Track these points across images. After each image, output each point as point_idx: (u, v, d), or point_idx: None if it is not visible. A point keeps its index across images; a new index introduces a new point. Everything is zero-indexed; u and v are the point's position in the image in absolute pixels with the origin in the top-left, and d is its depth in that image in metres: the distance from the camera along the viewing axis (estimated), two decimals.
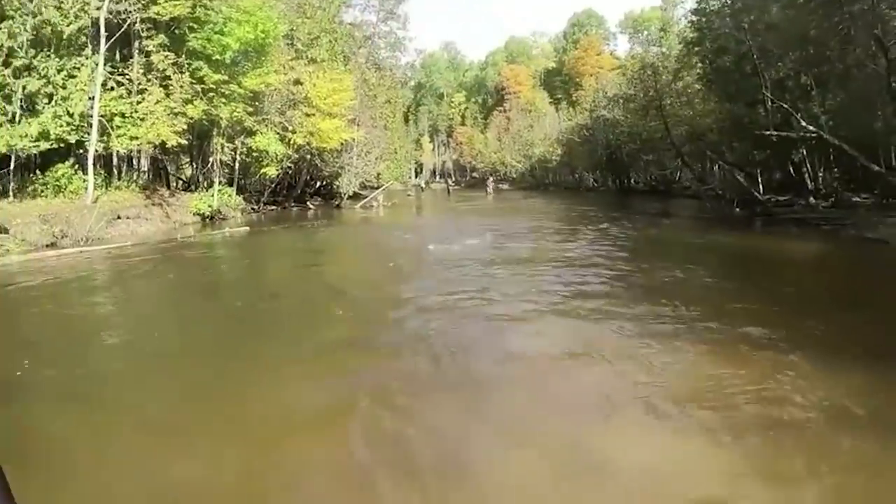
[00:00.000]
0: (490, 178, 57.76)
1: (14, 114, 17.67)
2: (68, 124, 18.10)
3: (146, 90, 20.45)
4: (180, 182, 28.57)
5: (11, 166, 17.88)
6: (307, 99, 29.62)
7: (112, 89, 19.79)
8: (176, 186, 27.07)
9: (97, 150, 19.38)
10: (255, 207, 28.76)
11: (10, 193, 17.48)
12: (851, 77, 17.46)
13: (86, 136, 18.87)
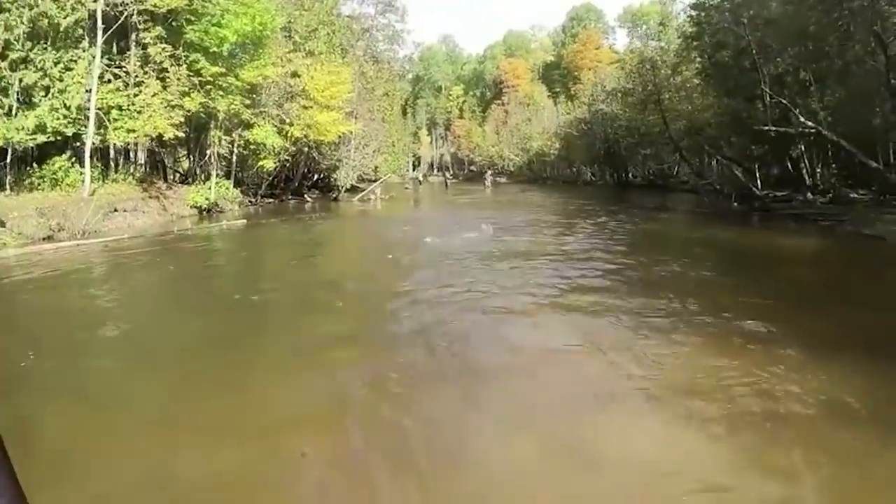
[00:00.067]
0: (489, 171, 57.26)
1: (11, 107, 17.55)
2: (65, 117, 17.98)
3: (143, 83, 20.33)
4: (177, 175, 28.50)
5: (8, 159, 17.79)
6: (305, 91, 29.54)
7: (109, 82, 19.66)
8: (173, 179, 26.99)
9: (94, 143, 19.26)
10: (253, 200, 28.71)
11: (7, 187, 17.39)
12: (850, 73, 17.47)
13: (83, 129, 18.76)
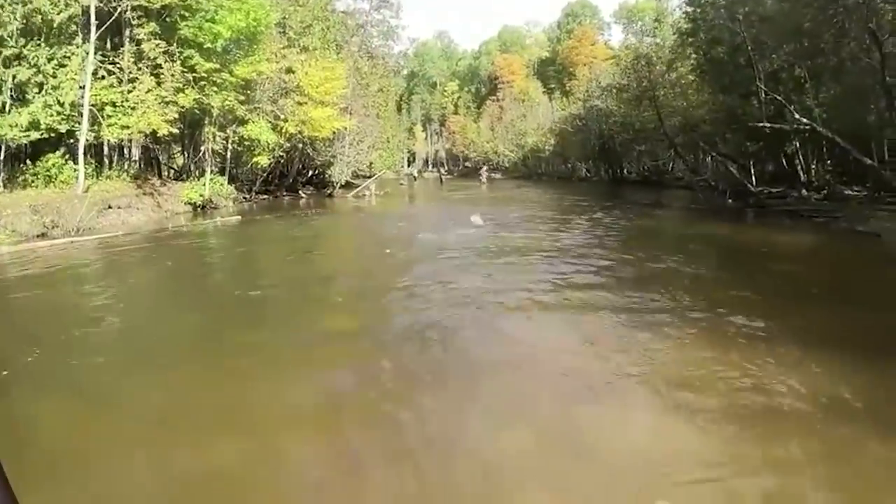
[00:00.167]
0: (484, 167, 56.70)
1: (4, 103, 17.47)
2: (59, 114, 17.89)
3: (137, 79, 20.21)
4: (172, 171, 28.36)
5: (1, 156, 17.73)
6: (299, 87, 29.45)
7: (103, 78, 19.55)
8: (167, 176, 26.87)
9: (88, 140, 19.19)
10: (247, 196, 28.64)
11: (0, 184, 17.34)
12: (845, 70, 17.50)
13: (76, 126, 18.66)
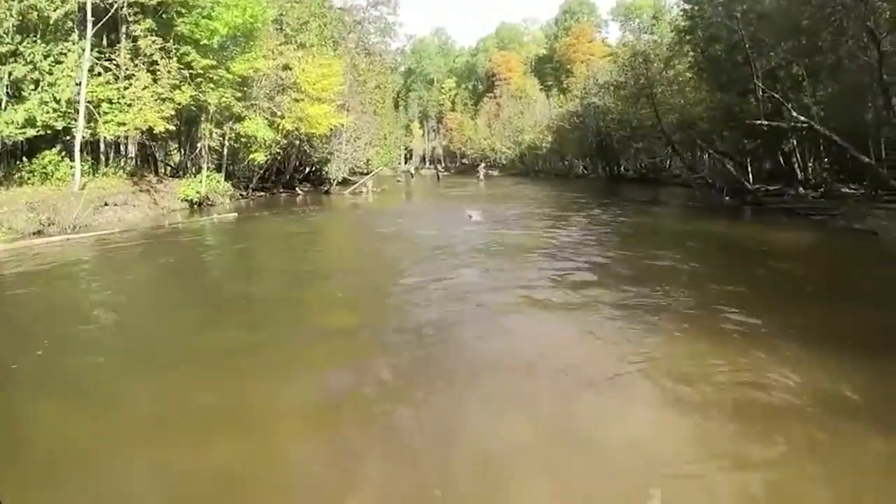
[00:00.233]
0: (481, 164, 56.63)
1: (0, 100, 17.38)
2: (55, 111, 17.78)
3: (133, 76, 20.13)
4: (168, 168, 28.25)
5: None
6: (296, 84, 29.39)
7: (99, 75, 19.47)
8: (164, 173, 26.73)
9: (84, 137, 19.10)
10: (244, 193, 28.60)
11: None
12: (843, 68, 17.51)
13: (73, 123, 18.57)
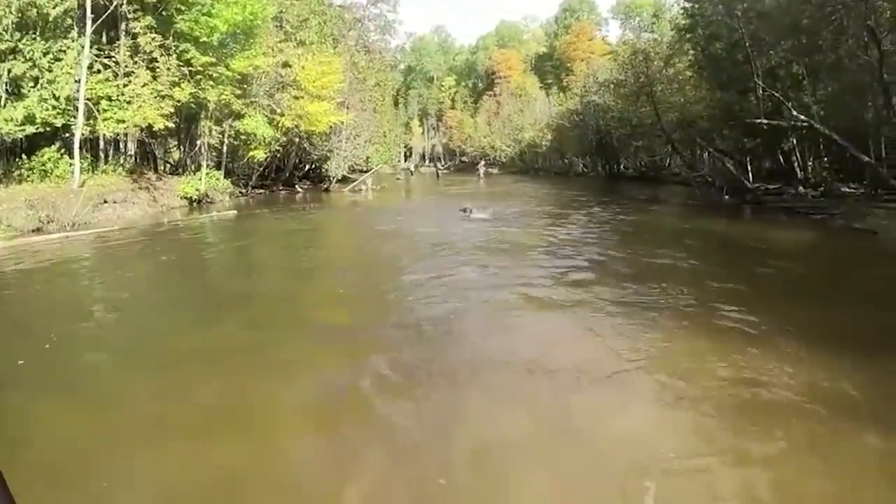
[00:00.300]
0: (481, 162, 56.34)
1: None
2: (54, 108, 17.78)
3: (133, 73, 20.14)
4: (168, 166, 28.25)
5: None
6: (296, 82, 29.41)
7: (98, 72, 19.47)
8: (163, 170, 26.75)
9: (83, 134, 19.11)
10: (244, 191, 28.63)
11: None
12: (843, 67, 17.45)
13: (72, 120, 18.58)
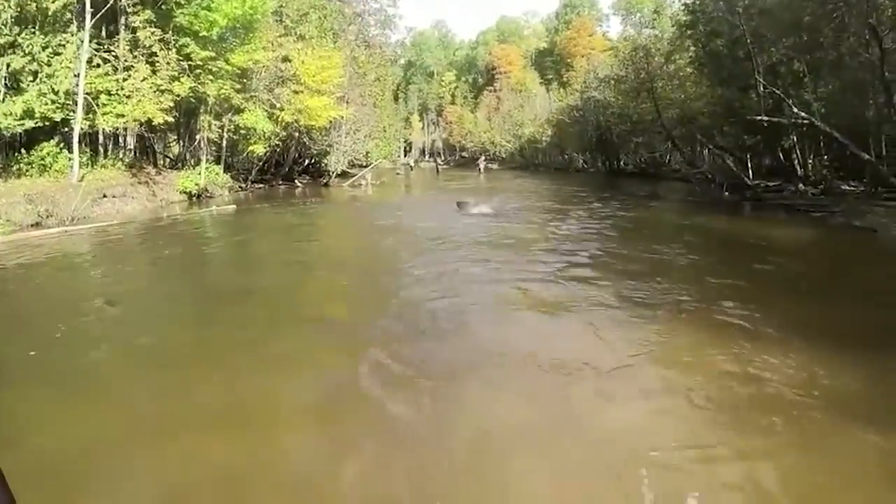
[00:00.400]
0: (482, 157, 56.37)
1: None
2: (53, 102, 17.68)
3: (132, 67, 20.03)
4: (167, 160, 28.17)
5: None
6: (296, 76, 29.32)
7: (98, 66, 19.35)
8: (163, 164, 26.69)
9: (83, 129, 19.04)
10: (243, 185, 28.59)
11: None
12: (844, 65, 17.42)
13: (71, 115, 18.50)
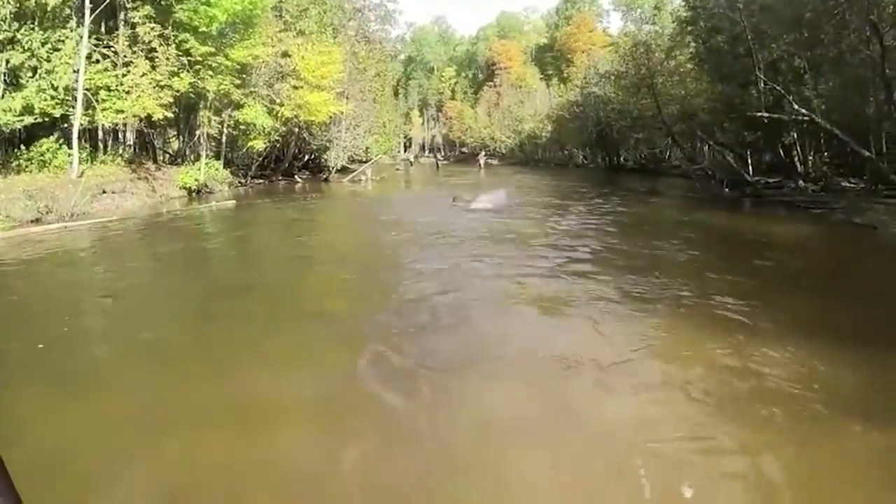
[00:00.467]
0: (482, 153, 56.11)
1: None
2: (53, 98, 17.68)
3: (132, 63, 20.04)
4: (167, 156, 28.13)
5: None
6: (295, 72, 29.28)
7: (97, 62, 19.36)
8: (162, 160, 26.63)
9: (82, 124, 19.03)
10: (243, 181, 28.60)
11: None
12: (845, 62, 17.39)
13: (70, 110, 18.49)
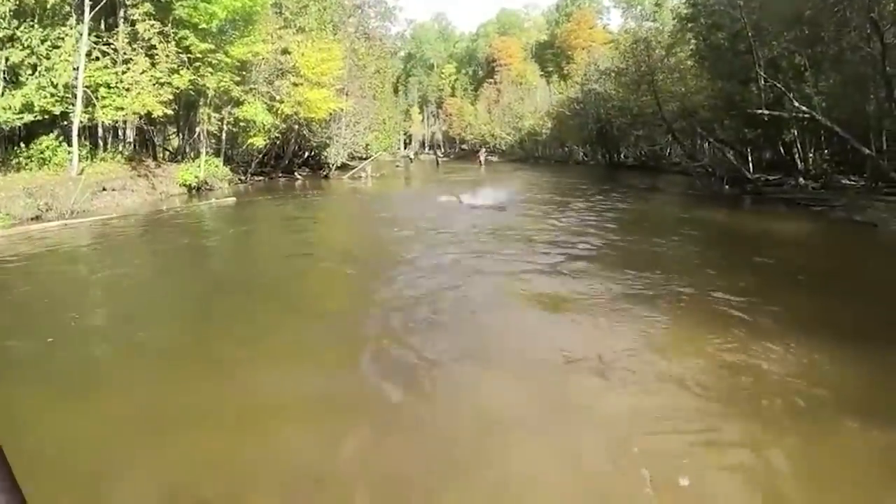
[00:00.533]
0: (482, 149, 56.03)
1: None
2: (52, 95, 17.65)
3: (131, 60, 20.04)
4: (167, 153, 28.12)
5: None
6: (295, 68, 29.30)
7: (97, 59, 19.35)
8: (162, 157, 26.64)
9: (82, 122, 19.01)
10: (243, 178, 28.61)
11: None
12: (845, 59, 17.35)
13: (70, 108, 18.47)
